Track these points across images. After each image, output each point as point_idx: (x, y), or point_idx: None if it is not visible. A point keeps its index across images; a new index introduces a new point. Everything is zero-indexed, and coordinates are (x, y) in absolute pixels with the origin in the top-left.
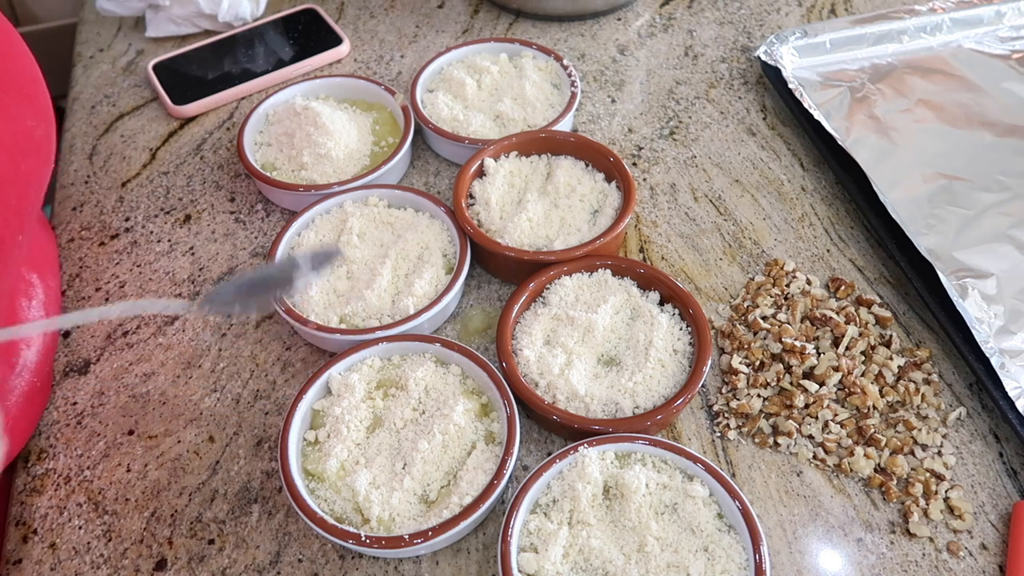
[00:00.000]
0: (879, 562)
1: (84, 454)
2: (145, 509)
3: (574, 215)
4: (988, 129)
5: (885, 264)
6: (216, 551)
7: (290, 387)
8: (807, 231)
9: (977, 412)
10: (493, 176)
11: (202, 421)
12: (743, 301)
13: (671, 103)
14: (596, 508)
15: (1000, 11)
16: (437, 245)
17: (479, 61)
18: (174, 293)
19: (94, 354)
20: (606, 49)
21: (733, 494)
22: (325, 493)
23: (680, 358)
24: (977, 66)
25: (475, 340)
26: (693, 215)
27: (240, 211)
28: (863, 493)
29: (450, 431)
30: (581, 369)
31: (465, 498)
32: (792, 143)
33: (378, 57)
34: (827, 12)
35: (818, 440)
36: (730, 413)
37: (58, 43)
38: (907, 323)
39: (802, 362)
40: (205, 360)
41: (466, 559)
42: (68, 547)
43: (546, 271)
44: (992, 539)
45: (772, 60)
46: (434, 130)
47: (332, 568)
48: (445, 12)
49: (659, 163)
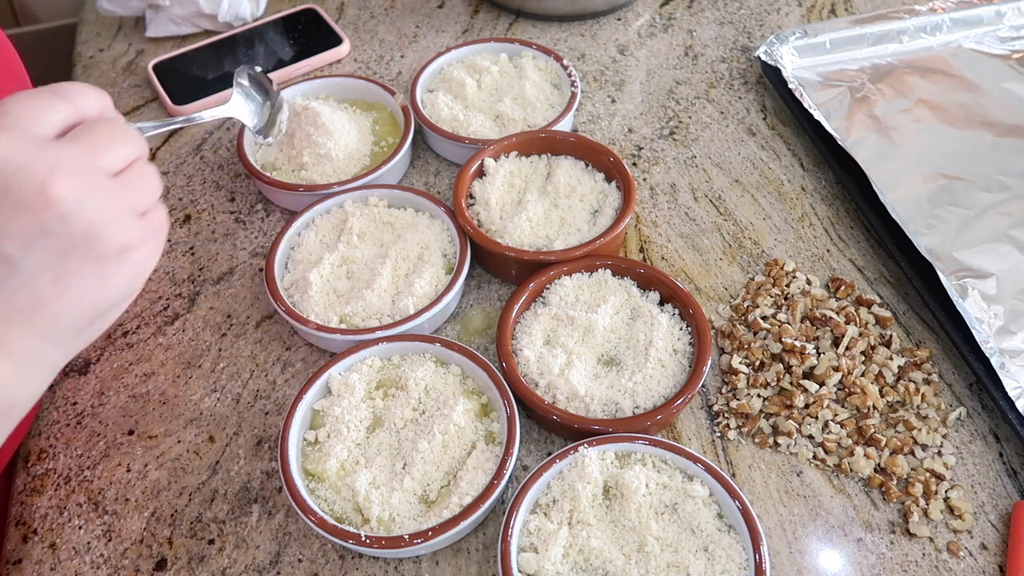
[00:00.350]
0: (879, 562)
1: (84, 454)
2: (145, 509)
3: (574, 215)
4: (988, 129)
5: (885, 264)
6: (216, 551)
7: (290, 387)
8: (807, 231)
9: (977, 412)
10: (493, 176)
11: (202, 421)
12: (743, 301)
13: (671, 103)
14: (596, 508)
15: (1000, 11)
16: (437, 245)
17: (479, 61)
18: (174, 293)
19: (94, 354)
20: (606, 49)
21: (733, 494)
22: (325, 493)
23: (680, 358)
24: (977, 66)
25: (475, 340)
26: (693, 215)
27: (240, 211)
28: (863, 493)
29: (450, 431)
30: (581, 369)
31: (465, 498)
32: (792, 143)
33: (378, 57)
34: (827, 12)
35: (818, 440)
36: (730, 413)
37: (58, 43)
38: (907, 323)
39: (802, 362)
40: (205, 360)
41: (466, 559)
42: (68, 547)
43: (546, 271)
44: (992, 539)
45: (772, 60)
46: (434, 130)
47: (332, 568)
48: (445, 12)
49: (659, 163)
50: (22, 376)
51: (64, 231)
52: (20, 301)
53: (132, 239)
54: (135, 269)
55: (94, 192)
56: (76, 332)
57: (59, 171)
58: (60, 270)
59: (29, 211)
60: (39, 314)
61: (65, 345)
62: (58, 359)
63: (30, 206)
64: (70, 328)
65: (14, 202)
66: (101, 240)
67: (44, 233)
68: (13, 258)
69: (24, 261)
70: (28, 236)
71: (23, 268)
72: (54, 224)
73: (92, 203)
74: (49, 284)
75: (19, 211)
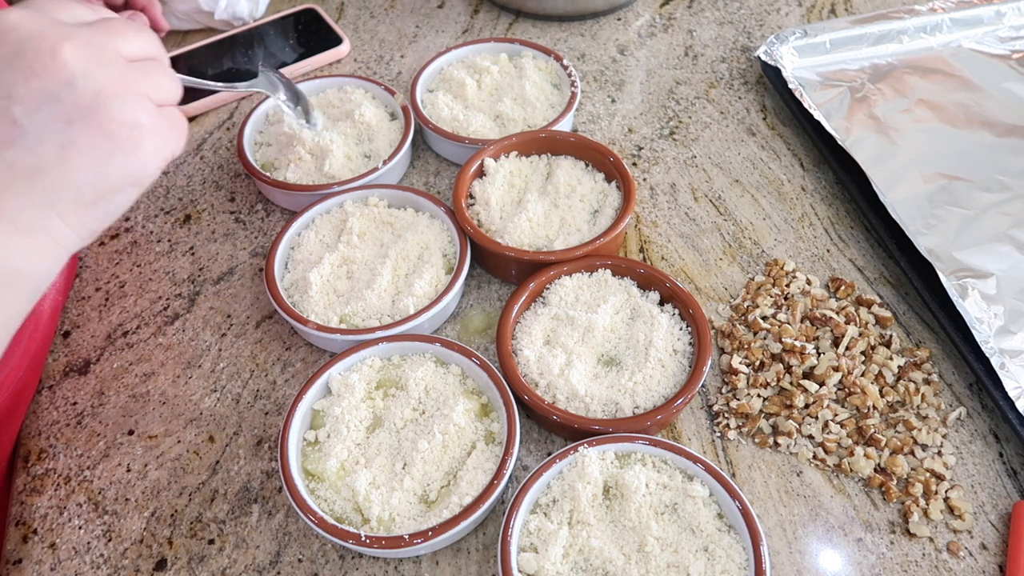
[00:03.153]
0: (879, 562)
1: (84, 454)
2: (145, 509)
3: (574, 215)
4: (988, 129)
5: (885, 264)
6: (216, 551)
7: (290, 387)
8: (807, 231)
9: (977, 412)
10: (493, 176)
11: (202, 421)
12: (743, 301)
13: (671, 103)
14: (596, 508)
15: (1000, 11)
16: (437, 245)
17: (479, 61)
18: (174, 293)
19: (94, 354)
20: (606, 49)
21: (733, 494)
22: (325, 493)
23: (680, 358)
24: (977, 66)
25: (475, 340)
26: (693, 215)
27: (240, 211)
28: (863, 493)
29: (450, 431)
30: (581, 369)
31: (465, 498)
32: (792, 143)
33: (378, 57)
34: (827, 12)
35: (818, 440)
36: (730, 413)
37: None
38: (907, 323)
39: (802, 362)
40: (205, 360)
41: (466, 559)
42: (68, 547)
43: (546, 271)
44: (992, 539)
45: (772, 60)
46: (434, 130)
47: (332, 568)
48: (445, 12)
49: (659, 163)
50: (24, 243)
51: (70, 98)
52: (22, 165)
53: (141, 119)
54: (144, 153)
55: (103, 65)
56: (80, 207)
57: (71, 41)
58: (64, 137)
59: (38, 76)
60: (40, 180)
61: (69, 221)
62: (64, 236)
63: (40, 71)
64: (72, 201)
65: (25, 67)
66: (106, 111)
67: (51, 99)
68: (20, 122)
69: (30, 125)
70: (36, 101)
71: (28, 132)
72: (61, 90)
73: (100, 74)
74: (52, 151)
75: (29, 76)
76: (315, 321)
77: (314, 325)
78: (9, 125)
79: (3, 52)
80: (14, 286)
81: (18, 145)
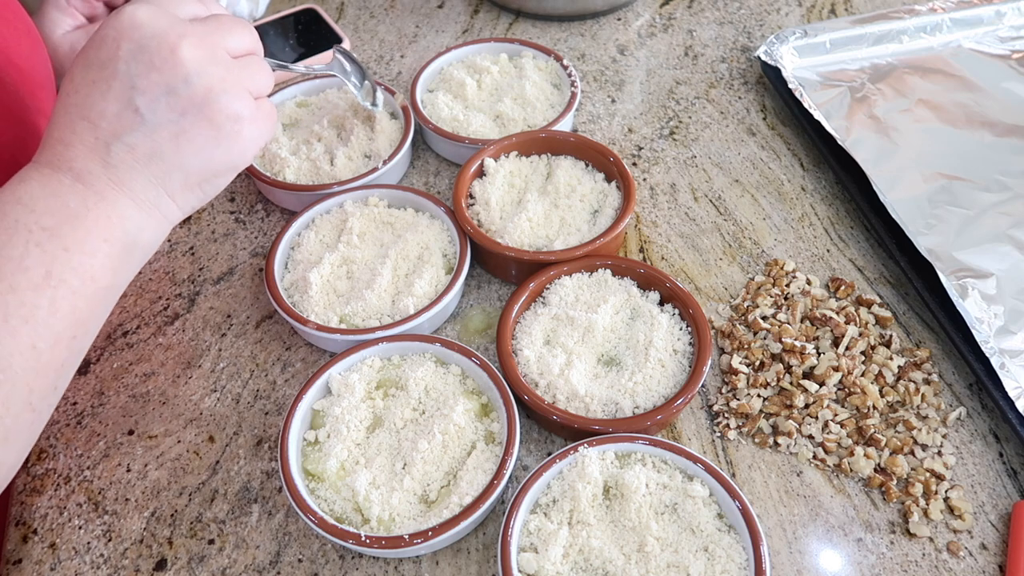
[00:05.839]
0: (879, 562)
1: (84, 454)
2: (145, 509)
3: (574, 215)
4: (988, 129)
5: (885, 264)
6: (216, 551)
7: (290, 387)
8: (807, 231)
9: (977, 412)
10: (493, 176)
11: (202, 421)
12: (743, 301)
13: (671, 103)
14: (596, 508)
15: (1000, 11)
16: (437, 245)
17: (479, 61)
18: (174, 293)
19: (94, 354)
20: (606, 49)
21: (733, 494)
22: (325, 493)
23: (680, 358)
24: (977, 66)
25: (475, 340)
26: (693, 215)
27: (240, 211)
28: (863, 493)
29: (450, 431)
30: (581, 369)
31: (465, 498)
32: (792, 143)
33: (378, 57)
34: (827, 12)
35: (818, 440)
36: (730, 413)
37: None
38: (907, 323)
39: (802, 362)
40: (205, 360)
41: (466, 559)
42: (68, 547)
43: (546, 271)
44: (992, 539)
45: (772, 60)
46: (434, 130)
47: (332, 568)
48: (445, 12)
49: (659, 163)
50: (143, 218)
51: (186, 92)
52: (142, 150)
53: (243, 111)
54: (243, 142)
55: (215, 63)
56: (186, 188)
57: (188, 39)
58: (178, 127)
59: (159, 70)
60: (155, 164)
61: (176, 199)
62: (171, 212)
63: (161, 66)
64: (181, 183)
65: (148, 61)
66: (216, 105)
67: (169, 91)
68: (141, 110)
69: (150, 114)
70: (155, 92)
71: (148, 120)
72: (178, 84)
73: (212, 71)
74: (167, 138)
75: (152, 69)
76: (315, 321)
77: (314, 325)
78: (132, 112)
79: (131, 46)
80: (133, 254)
81: (139, 131)
